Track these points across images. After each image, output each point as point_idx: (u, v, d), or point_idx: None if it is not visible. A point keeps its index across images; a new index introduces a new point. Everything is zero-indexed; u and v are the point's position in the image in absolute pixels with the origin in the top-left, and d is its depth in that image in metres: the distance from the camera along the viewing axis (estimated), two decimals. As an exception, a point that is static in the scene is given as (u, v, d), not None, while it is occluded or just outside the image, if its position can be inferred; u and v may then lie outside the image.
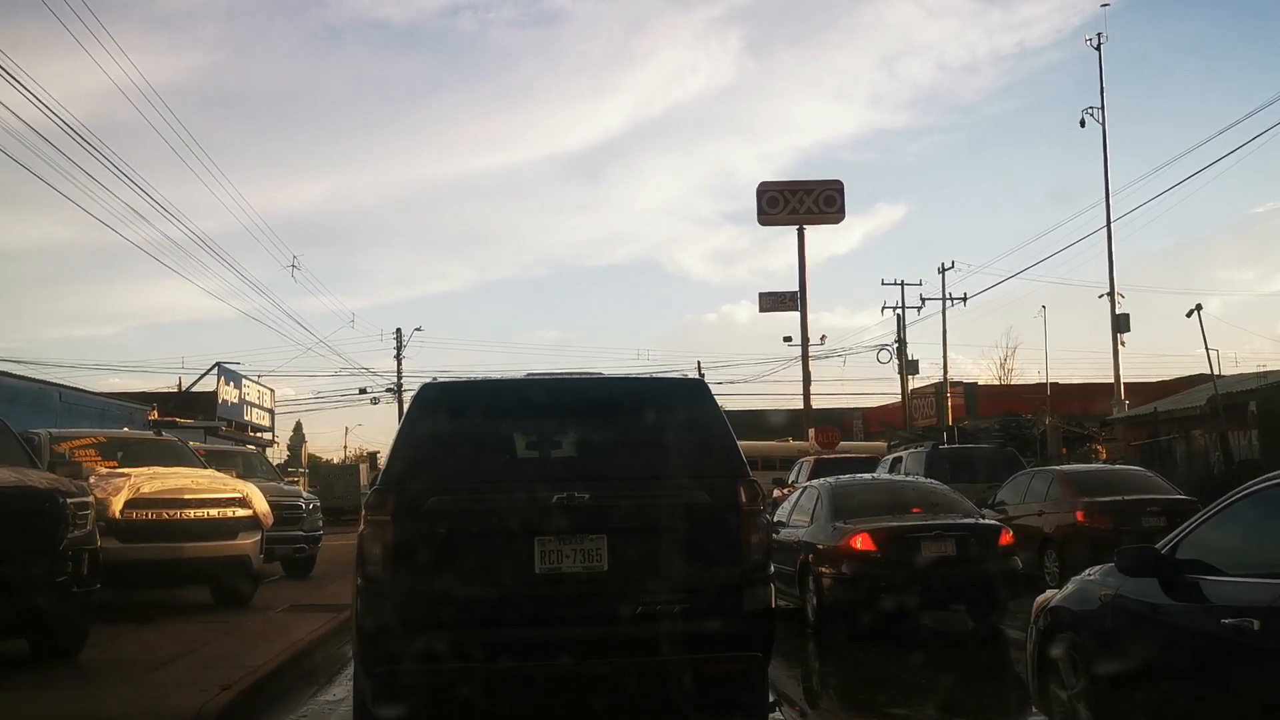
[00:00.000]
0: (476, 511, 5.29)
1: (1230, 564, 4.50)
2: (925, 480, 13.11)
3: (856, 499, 11.00)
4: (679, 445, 5.66)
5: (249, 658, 8.15)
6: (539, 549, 5.22)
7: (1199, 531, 4.77)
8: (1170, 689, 4.70)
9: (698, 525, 5.35)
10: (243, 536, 11.05)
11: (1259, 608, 3.97)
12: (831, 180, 48.97)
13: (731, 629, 5.22)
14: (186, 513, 10.61)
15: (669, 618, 5.18)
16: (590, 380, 6.26)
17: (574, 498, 5.22)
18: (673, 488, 5.40)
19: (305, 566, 15.29)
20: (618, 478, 5.47)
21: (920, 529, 10.13)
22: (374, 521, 5.22)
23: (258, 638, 9.31)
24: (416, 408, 5.82)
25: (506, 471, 5.70)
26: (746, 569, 5.32)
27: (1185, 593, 4.52)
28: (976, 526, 10.46)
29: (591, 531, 5.23)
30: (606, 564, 5.23)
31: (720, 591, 5.28)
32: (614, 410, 5.97)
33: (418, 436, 5.63)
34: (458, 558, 5.24)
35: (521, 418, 6.08)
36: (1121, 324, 34.17)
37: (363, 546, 5.22)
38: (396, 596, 5.13)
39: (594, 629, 5.20)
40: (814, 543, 10.63)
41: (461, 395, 6.28)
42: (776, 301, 48.89)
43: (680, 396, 6.06)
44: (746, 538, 5.33)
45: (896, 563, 9.87)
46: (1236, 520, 4.65)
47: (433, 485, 5.30)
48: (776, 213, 47.66)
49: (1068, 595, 5.55)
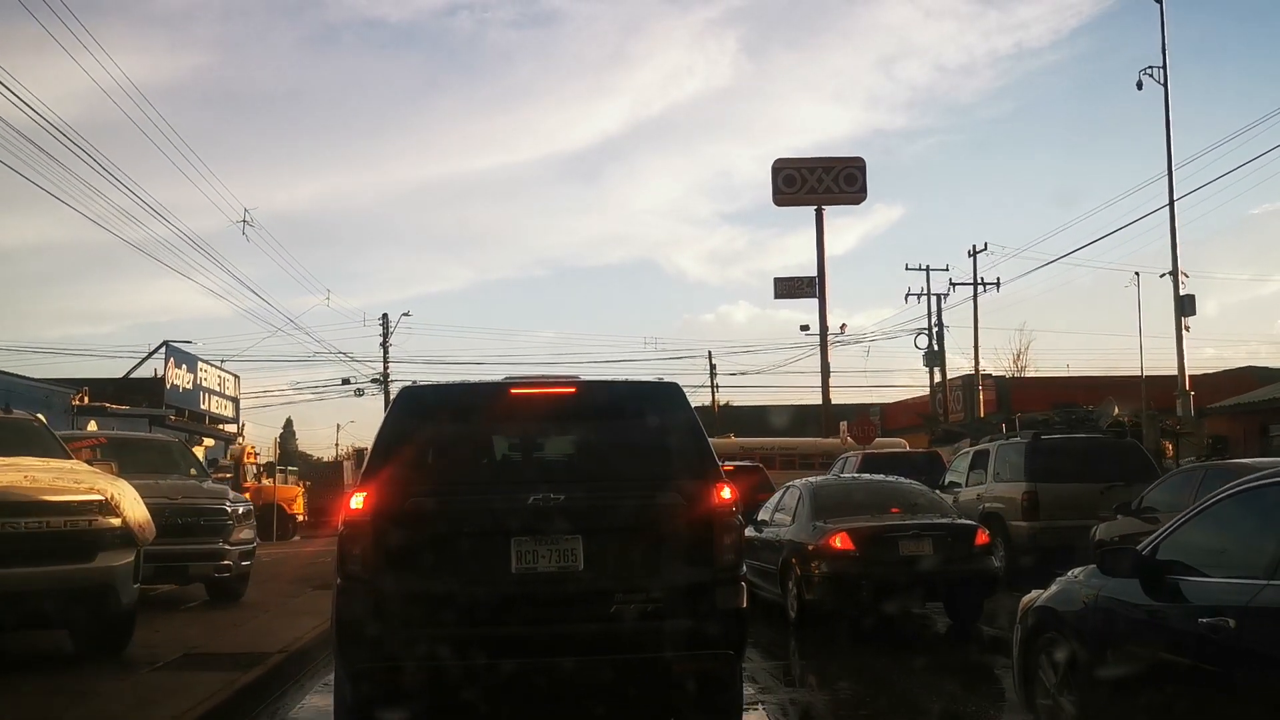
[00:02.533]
0: (454, 512, 5.43)
1: (1209, 565, 4.59)
2: (905, 481, 12.71)
3: (837, 498, 11.31)
4: (653, 448, 5.84)
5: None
6: (515, 549, 5.32)
7: (1180, 532, 4.91)
8: (1152, 688, 4.75)
9: (671, 526, 5.48)
10: (105, 556, 7.65)
11: (1235, 608, 4.06)
12: (852, 157, 45.82)
13: (704, 628, 5.32)
14: (14, 522, 7.13)
15: (643, 616, 5.31)
16: (567, 383, 6.18)
17: (549, 499, 5.34)
18: (646, 489, 5.55)
19: (233, 589, 11.82)
20: (593, 480, 5.66)
21: (898, 528, 10.35)
22: (354, 522, 5.32)
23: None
24: (396, 411, 5.98)
25: (484, 473, 5.97)
26: (719, 569, 5.43)
27: (1165, 593, 4.58)
28: (953, 526, 10.64)
29: (567, 532, 5.33)
30: (581, 564, 5.34)
31: (693, 591, 5.39)
32: (590, 414, 6.06)
33: (397, 439, 5.70)
34: (436, 557, 5.36)
35: (499, 421, 6.15)
36: (1186, 306, 30.79)
37: (343, 546, 5.33)
38: (376, 596, 5.22)
39: (569, 627, 5.31)
40: (795, 541, 10.83)
41: (439, 398, 6.39)
42: (792, 288, 45.71)
43: (655, 400, 6.12)
44: (719, 538, 5.45)
45: (874, 561, 10.07)
46: (1216, 521, 4.76)
47: (411, 486, 5.43)
48: (793, 192, 44.37)
49: (1052, 595, 5.62)
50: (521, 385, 6.11)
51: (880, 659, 9.28)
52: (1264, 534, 4.32)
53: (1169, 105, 30.45)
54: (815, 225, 44.03)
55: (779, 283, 45.44)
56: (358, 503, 5.33)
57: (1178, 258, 30.47)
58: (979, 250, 42.01)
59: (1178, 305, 30.63)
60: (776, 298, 45.21)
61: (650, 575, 5.38)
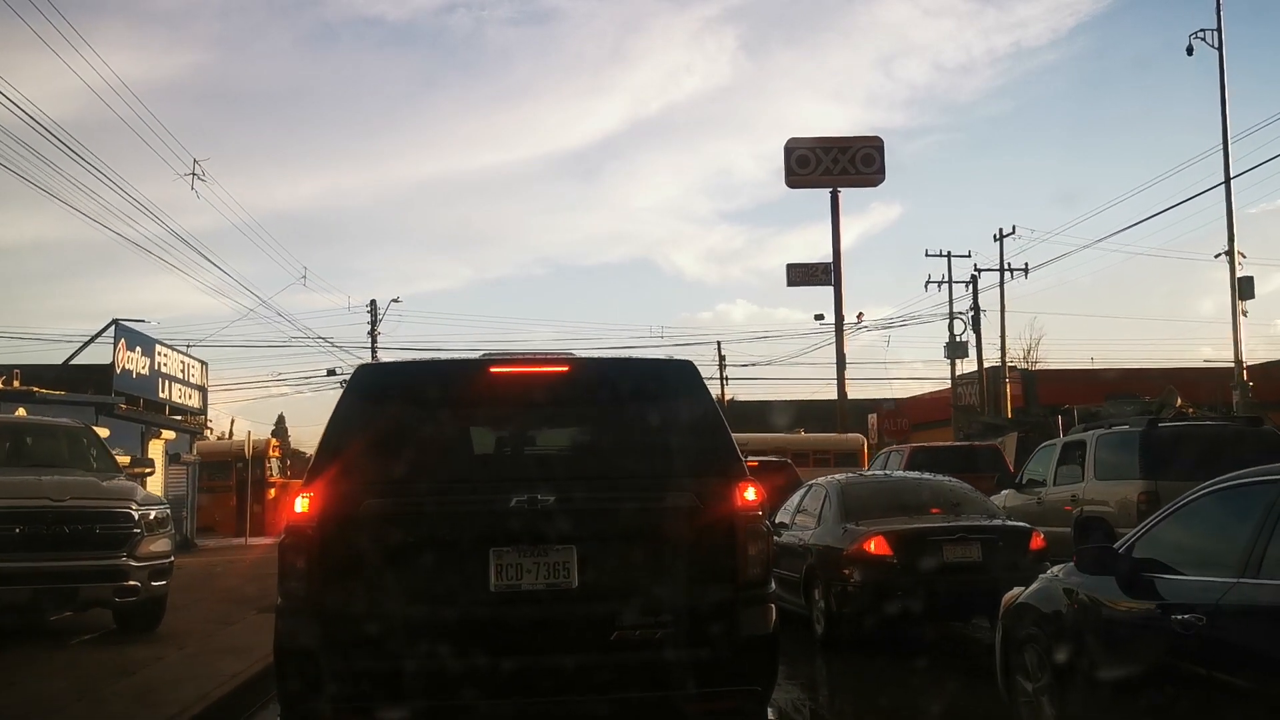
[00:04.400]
0: (420, 517, 4.61)
1: (1183, 562, 4.61)
2: (943, 478, 11.26)
3: (868, 498, 10.13)
4: (663, 439, 4.99)
5: None
6: (495, 562, 4.53)
7: (1156, 530, 4.95)
8: (1127, 684, 4.78)
9: (684, 534, 4.68)
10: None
11: (1207, 605, 4.11)
12: (869, 136, 43.09)
13: (725, 658, 4.58)
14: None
15: (650, 645, 4.52)
16: (559, 360, 5.28)
17: (537, 501, 4.55)
18: (655, 489, 4.77)
19: (146, 615, 9.25)
20: (590, 477, 4.87)
21: (941, 531, 9.28)
22: (297, 528, 4.51)
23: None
24: (350, 393, 5.03)
25: (457, 470, 4.99)
26: (743, 585, 4.66)
27: (1140, 590, 4.63)
28: (1005, 529, 9.58)
29: (558, 541, 4.56)
30: (575, 580, 4.55)
31: (712, 613, 4.60)
32: (587, 398, 5.18)
33: (352, 427, 4.86)
34: (397, 572, 4.54)
35: (476, 405, 5.20)
36: (1244, 289, 28.29)
37: (284, 558, 4.51)
38: (324, 619, 4.41)
39: (559, 658, 4.49)
40: (822, 546, 9.79)
41: (404, 379, 5.44)
42: (806, 275, 43.12)
43: (665, 382, 5.20)
44: (743, 548, 4.67)
45: (915, 568, 8.95)
46: (1192, 519, 4.79)
47: (368, 485, 4.61)
48: (807, 173, 41.72)
49: (1033, 593, 5.63)
50: (503, 363, 5.25)
51: (922, 684, 7.96)
52: (1237, 532, 4.34)
53: (1224, 70, 27.89)
54: (830, 208, 41.42)
55: (792, 269, 42.96)
56: (302, 506, 4.54)
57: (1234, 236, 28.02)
58: (1005, 234, 39.57)
59: (1234, 288, 28.13)
60: (790, 285, 42.79)
61: (659, 594, 4.61)
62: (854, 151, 42.10)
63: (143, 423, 22.05)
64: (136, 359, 21.54)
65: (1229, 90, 27.15)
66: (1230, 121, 26.90)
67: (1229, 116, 26.88)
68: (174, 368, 24.00)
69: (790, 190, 43.38)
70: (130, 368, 21.27)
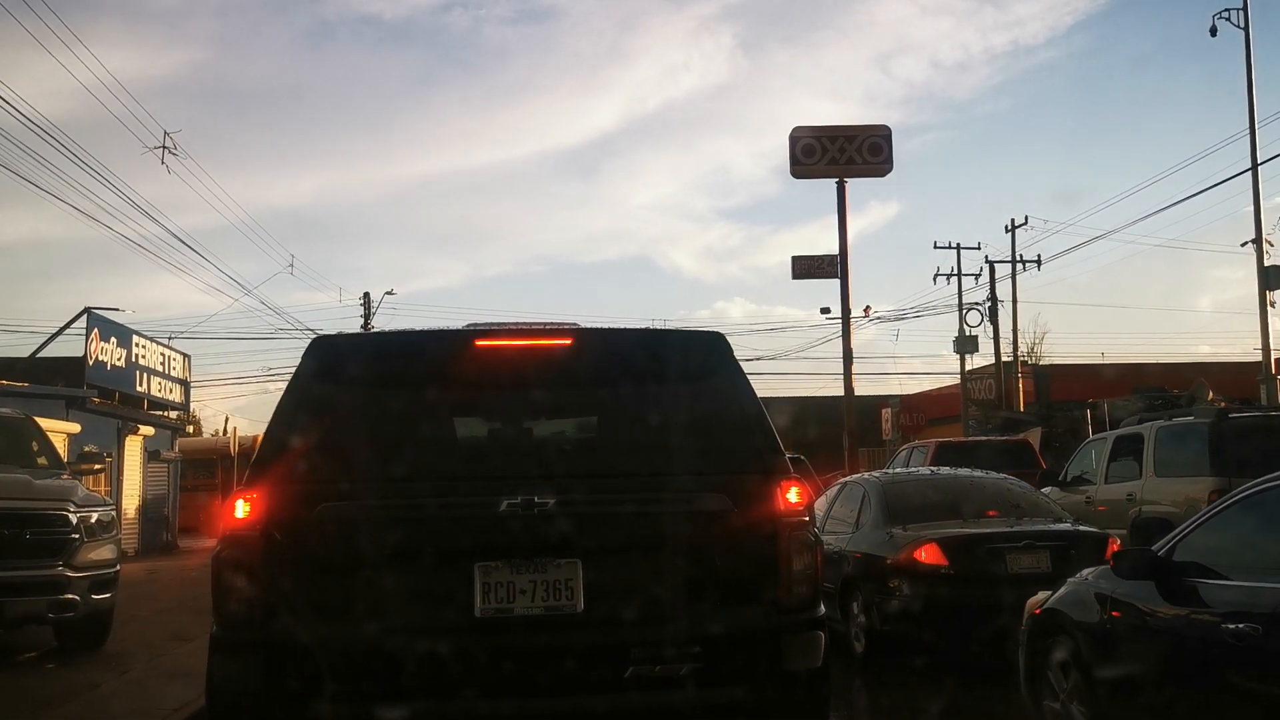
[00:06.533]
0: (388, 524, 3.87)
1: (1229, 567, 4.42)
2: (997, 476, 10.19)
3: (915, 499, 9.11)
4: (687, 427, 4.23)
5: None
6: (481, 580, 3.82)
7: (1196, 534, 4.72)
8: (1167, 693, 4.67)
9: (715, 543, 3.99)
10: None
11: (1263, 614, 3.97)
12: (877, 125, 41.68)
13: (766, 699, 3.92)
14: None
15: (672, 683, 3.82)
16: (561, 332, 4.44)
17: (533, 504, 3.83)
18: (678, 489, 4.03)
19: (90, 633, 8.12)
20: (598, 475, 4.10)
21: (1004, 537, 8.17)
22: (237, 538, 3.80)
23: None
24: (304, 372, 4.23)
25: (435, 465, 4.19)
26: (787, 609, 3.98)
27: (1184, 597, 4.49)
28: (1077, 534, 8.49)
29: (559, 554, 3.85)
30: (580, 602, 3.85)
31: (748, 642, 3.94)
32: (595, 377, 4.39)
33: (305, 414, 4.11)
34: (360, 593, 3.82)
35: (459, 386, 4.35)
36: (1272, 279, 27.15)
37: (219, 576, 3.79)
38: (269, 653, 3.74)
39: (560, 700, 3.81)
40: (863, 554, 8.80)
41: (370, 354, 4.60)
42: (811, 267, 41.69)
43: (690, 356, 4.48)
44: (786, 561, 3.96)
45: (974, 580, 7.88)
46: (1235, 523, 4.60)
47: (324, 486, 3.91)
48: (813, 163, 40.26)
49: (1061, 598, 5.45)
50: (493, 335, 4.44)
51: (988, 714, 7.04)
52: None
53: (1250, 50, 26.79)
54: (836, 198, 40.11)
55: (798, 261, 41.66)
56: (243, 511, 3.83)
57: (1261, 223, 26.93)
58: (1018, 225, 38.54)
59: (1262, 277, 27.03)
60: (795, 278, 41.36)
61: (684, 620, 3.89)
62: (861, 140, 40.69)
63: (118, 418, 20.89)
64: (111, 350, 20.37)
65: (1256, 73, 26.12)
66: (1257, 106, 25.89)
67: (1256, 101, 25.89)
68: (153, 360, 22.82)
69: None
70: (105, 359, 20.10)
